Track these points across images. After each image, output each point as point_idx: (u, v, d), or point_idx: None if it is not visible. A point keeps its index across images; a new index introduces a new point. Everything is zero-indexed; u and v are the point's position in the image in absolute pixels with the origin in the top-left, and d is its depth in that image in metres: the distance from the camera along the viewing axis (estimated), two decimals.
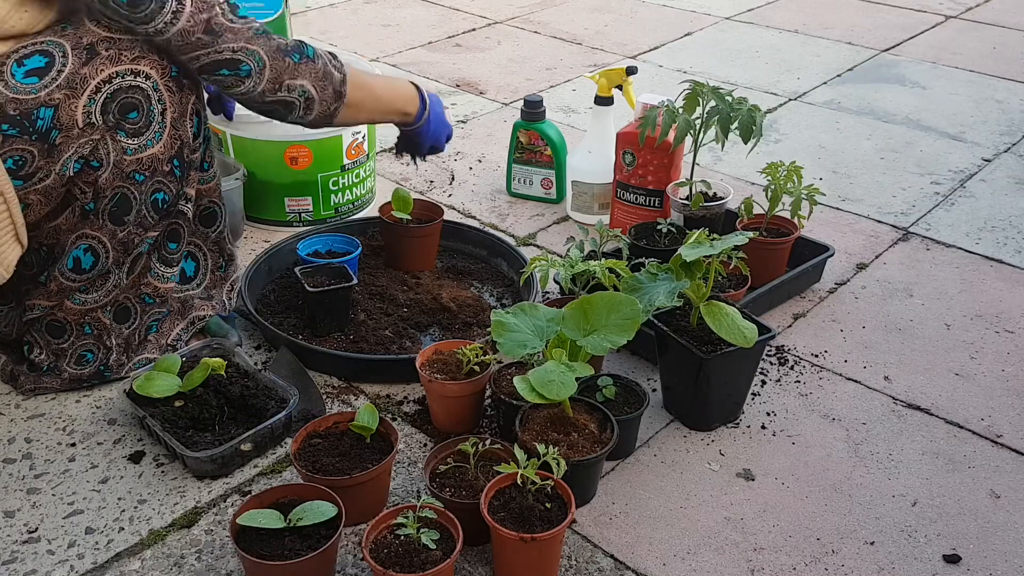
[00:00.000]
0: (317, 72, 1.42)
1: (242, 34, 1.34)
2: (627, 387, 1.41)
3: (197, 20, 1.30)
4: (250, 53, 1.35)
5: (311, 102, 1.42)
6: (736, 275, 1.65)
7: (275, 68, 1.37)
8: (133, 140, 1.34)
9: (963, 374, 1.59)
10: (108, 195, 1.36)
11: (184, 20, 1.30)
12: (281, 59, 1.38)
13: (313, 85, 1.41)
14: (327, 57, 1.45)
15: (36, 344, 1.48)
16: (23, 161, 1.27)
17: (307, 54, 1.41)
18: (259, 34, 1.36)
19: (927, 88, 2.77)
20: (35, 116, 1.26)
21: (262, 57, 1.36)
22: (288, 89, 1.39)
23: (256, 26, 1.37)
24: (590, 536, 1.27)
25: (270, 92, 1.38)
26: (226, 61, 1.34)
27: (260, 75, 1.36)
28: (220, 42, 1.32)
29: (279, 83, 1.38)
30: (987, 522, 1.30)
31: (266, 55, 1.36)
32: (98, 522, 1.27)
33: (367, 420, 1.30)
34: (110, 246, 1.40)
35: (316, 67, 1.42)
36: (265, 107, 1.41)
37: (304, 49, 1.41)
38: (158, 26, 1.29)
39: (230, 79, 1.36)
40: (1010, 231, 2.03)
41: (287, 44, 1.40)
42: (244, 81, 1.36)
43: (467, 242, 1.90)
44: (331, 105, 1.45)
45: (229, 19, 1.34)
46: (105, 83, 1.30)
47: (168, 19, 1.29)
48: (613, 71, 1.94)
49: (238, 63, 1.35)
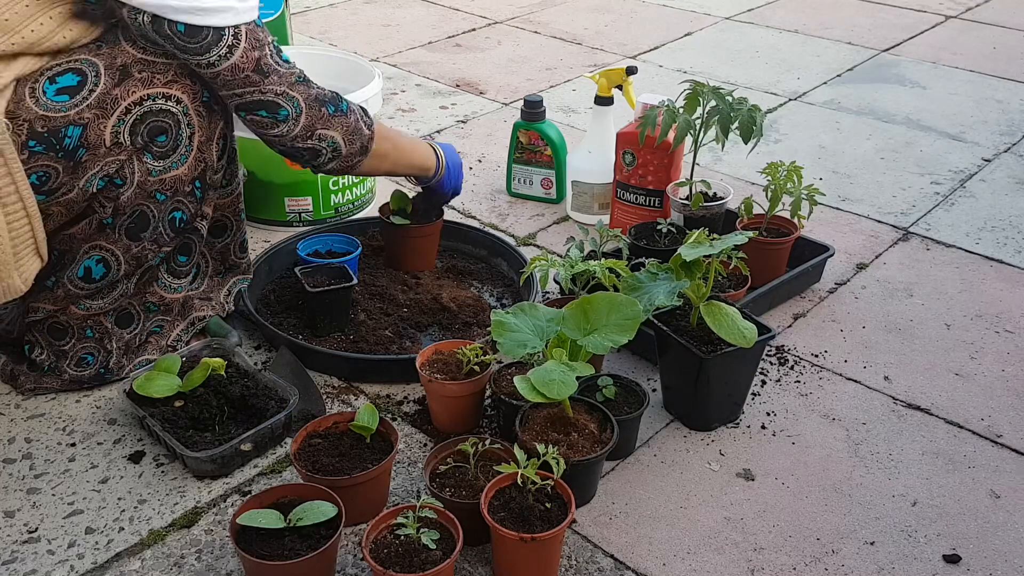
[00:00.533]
0: (349, 126, 1.43)
1: (286, 78, 1.36)
2: (627, 387, 1.41)
3: (250, 57, 1.31)
4: (290, 99, 1.36)
5: (338, 153, 1.44)
6: (736, 275, 1.65)
7: (311, 116, 1.38)
8: (159, 162, 1.35)
9: (963, 374, 1.59)
10: (127, 212, 1.36)
11: (238, 55, 1.30)
12: (318, 109, 1.39)
13: (343, 138, 1.43)
14: (359, 112, 1.47)
15: (37, 344, 1.48)
16: (47, 177, 1.27)
17: (342, 108, 1.43)
18: (300, 81, 1.38)
19: (927, 88, 2.77)
20: (63, 134, 1.26)
21: (300, 104, 1.37)
22: (319, 139, 1.41)
23: (298, 72, 1.38)
24: (590, 536, 1.27)
25: (301, 139, 1.40)
26: (268, 103, 1.35)
27: (296, 121, 1.37)
28: (267, 83, 1.34)
29: (312, 131, 1.39)
30: (987, 522, 1.30)
31: (304, 103, 1.38)
32: (98, 522, 1.27)
33: (367, 420, 1.30)
34: (123, 259, 1.40)
35: (348, 121, 1.43)
36: (293, 151, 1.43)
37: (340, 103, 1.43)
38: (211, 58, 1.29)
39: (267, 120, 1.37)
40: (1010, 231, 2.03)
41: (325, 95, 1.41)
42: (279, 125, 1.37)
43: (467, 242, 1.90)
44: (356, 158, 1.47)
45: (276, 61, 1.35)
46: (136, 105, 1.30)
47: (223, 52, 1.29)
48: (613, 71, 1.94)
49: (278, 106, 1.36)
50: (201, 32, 1.27)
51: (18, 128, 1.24)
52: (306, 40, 3.10)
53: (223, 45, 1.29)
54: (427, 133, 2.46)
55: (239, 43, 1.30)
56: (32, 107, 1.25)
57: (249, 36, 1.31)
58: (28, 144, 1.24)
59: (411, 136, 1.69)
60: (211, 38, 1.28)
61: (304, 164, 1.46)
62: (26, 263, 1.30)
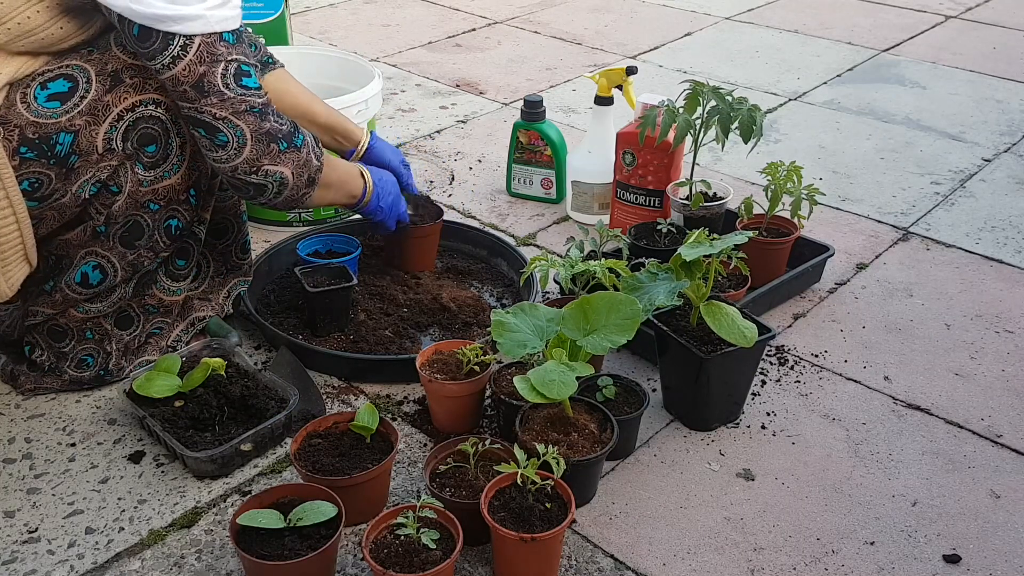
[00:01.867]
0: (299, 161, 1.36)
1: (231, 103, 1.27)
2: (627, 387, 1.41)
3: (192, 71, 1.25)
4: (231, 126, 1.28)
5: (284, 187, 1.36)
6: (736, 275, 1.65)
7: (256, 150, 1.31)
8: (149, 172, 1.33)
9: (963, 374, 1.59)
10: (120, 221, 1.35)
11: (180, 67, 1.25)
12: (266, 144, 1.31)
13: (292, 172, 1.35)
14: (311, 144, 1.39)
15: (37, 346, 1.48)
16: (39, 183, 1.26)
17: (295, 143, 1.35)
18: (253, 111, 1.29)
19: (927, 88, 2.77)
20: (54, 141, 1.25)
21: (245, 135, 1.29)
22: (265, 174, 1.33)
23: (255, 103, 1.30)
24: (590, 536, 1.27)
25: (244, 172, 1.32)
26: (204, 123, 1.28)
27: (238, 151, 1.30)
28: (203, 103, 1.27)
29: (257, 166, 1.32)
30: (987, 522, 1.30)
31: (251, 135, 1.29)
32: (98, 522, 1.27)
33: (367, 420, 1.30)
34: (119, 266, 1.39)
35: (300, 156, 1.36)
36: (236, 182, 1.34)
37: (295, 137, 1.35)
38: (157, 65, 1.25)
39: (205, 141, 1.30)
40: (1010, 231, 2.03)
41: (280, 130, 1.33)
42: (218, 149, 1.30)
43: (467, 242, 1.90)
44: (303, 191, 1.39)
45: (226, 83, 1.27)
46: (128, 111, 1.29)
47: (167, 61, 1.24)
48: (613, 71, 1.94)
49: (216, 130, 1.28)
50: (151, 36, 1.23)
51: (9, 134, 1.23)
52: (306, 40, 3.10)
53: (168, 54, 1.24)
54: (427, 133, 2.46)
55: (185, 54, 1.24)
56: (23, 113, 1.24)
57: (201, 49, 1.25)
58: (19, 150, 1.24)
59: (349, 165, 1.57)
60: (159, 44, 1.23)
61: (248, 199, 1.39)
62: (13, 268, 1.30)
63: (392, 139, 2.42)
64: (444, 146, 2.39)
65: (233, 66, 1.28)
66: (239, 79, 1.28)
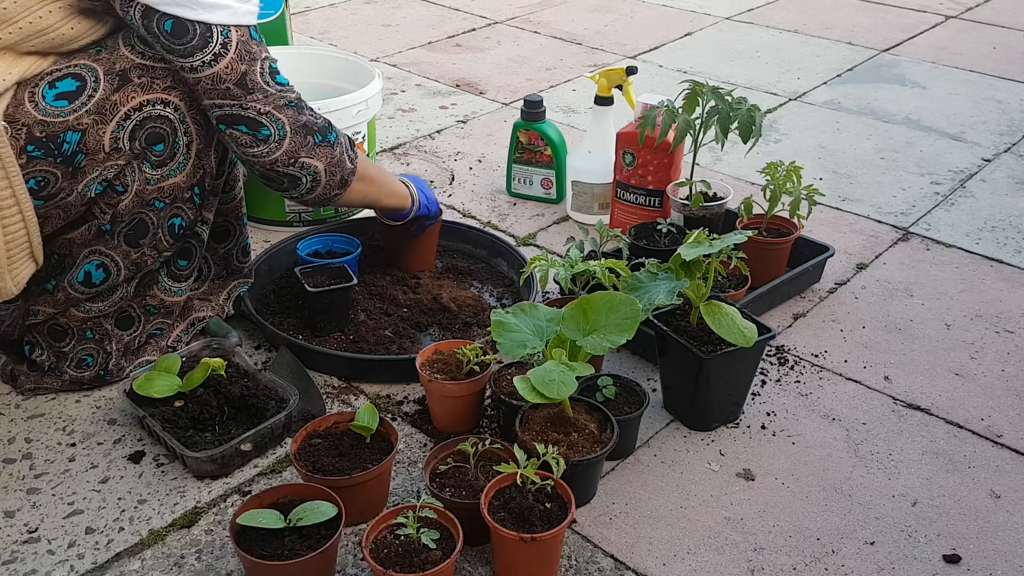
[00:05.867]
0: (333, 158, 1.39)
1: (273, 99, 1.31)
2: (627, 387, 1.41)
3: (235, 69, 1.27)
4: (275, 119, 1.32)
5: (317, 184, 1.39)
6: (736, 275, 1.65)
7: (295, 142, 1.34)
8: (157, 171, 1.34)
9: (963, 374, 1.59)
10: (126, 220, 1.36)
11: (222, 65, 1.27)
12: (303, 136, 1.35)
13: (325, 169, 1.38)
14: (346, 144, 1.43)
15: (37, 345, 1.48)
16: (45, 182, 1.26)
17: (329, 139, 1.38)
18: (291, 105, 1.33)
19: (927, 88, 2.77)
20: (61, 139, 1.25)
21: (286, 128, 1.33)
22: (301, 167, 1.36)
23: (291, 97, 1.34)
24: (590, 536, 1.27)
25: (282, 164, 1.35)
26: (248, 119, 1.31)
27: (278, 144, 1.33)
28: (248, 100, 1.30)
29: (295, 158, 1.35)
30: (987, 522, 1.30)
31: (291, 127, 1.33)
32: (98, 522, 1.27)
33: (367, 420, 1.30)
34: (123, 264, 1.40)
35: (334, 153, 1.39)
36: (271, 174, 1.37)
37: (329, 133, 1.39)
38: (194, 63, 1.26)
39: (246, 137, 1.32)
40: (1010, 231, 2.03)
41: (315, 123, 1.37)
42: (260, 144, 1.33)
43: (467, 242, 1.90)
44: (334, 191, 1.42)
45: (266, 80, 1.31)
46: (135, 111, 1.29)
47: (208, 59, 1.26)
48: (613, 71, 1.94)
49: (259, 125, 1.31)
50: (188, 32, 1.24)
51: (16, 132, 1.23)
52: (306, 40, 3.10)
53: (208, 51, 1.25)
54: (427, 133, 2.46)
55: (227, 52, 1.26)
56: (31, 111, 1.24)
57: (240, 47, 1.27)
58: (26, 149, 1.24)
59: (389, 174, 1.63)
60: (197, 41, 1.24)
61: (281, 191, 1.40)
62: (19, 267, 1.30)
63: (392, 139, 2.42)
64: (444, 146, 2.39)
65: (267, 63, 1.32)
66: (274, 75, 1.33)
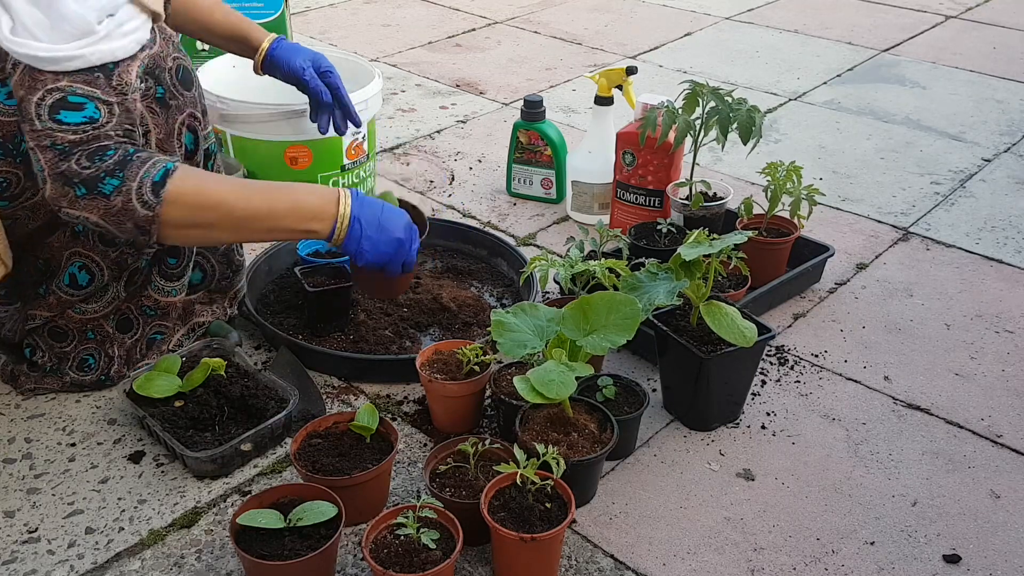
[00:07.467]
0: (111, 208, 1.19)
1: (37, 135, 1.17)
2: (627, 387, 1.41)
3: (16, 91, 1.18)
4: (36, 159, 1.19)
5: (109, 232, 1.23)
6: (736, 275, 1.65)
7: (55, 189, 1.19)
8: None
9: (963, 374, 1.59)
10: None
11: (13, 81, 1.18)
12: (61, 186, 1.18)
13: (103, 219, 1.20)
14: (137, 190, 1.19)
15: (38, 348, 1.47)
16: (7, 183, 1.26)
17: (102, 191, 1.18)
18: (55, 147, 1.17)
19: (927, 88, 2.77)
20: (19, 139, 1.24)
21: (45, 172, 1.19)
22: (66, 215, 1.21)
23: (61, 139, 1.17)
24: (590, 536, 1.27)
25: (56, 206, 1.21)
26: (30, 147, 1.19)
27: (43, 184, 1.20)
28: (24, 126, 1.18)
29: (58, 206, 1.20)
30: (987, 522, 1.30)
31: (49, 173, 1.18)
32: (98, 522, 1.27)
33: (367, 420, 1.30)
34: (104, 265, 1.39)
35: (111, 204, 1.19)
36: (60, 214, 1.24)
37: (101, 185, 1.18)
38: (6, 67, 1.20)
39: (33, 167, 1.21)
40: (1010, 231, 2.03)
41: (80, 174, 1.18)
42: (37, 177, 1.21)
43: (467, 242, 1.90)
44: (139, 237, 1.24)
45: (38, 113, 1.16)
46: None
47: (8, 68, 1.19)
48: (613, 71, 1.94)
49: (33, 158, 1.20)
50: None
51: None
52: (306, 40, 3.10)
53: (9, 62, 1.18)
54: (427, 133, 2.46)
55: (15, 71, 1.18)
56: None
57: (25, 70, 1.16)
58: None
59: (289, 194, 1.30)
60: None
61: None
62: None
63: (392, 139, 2.42)
64: (444, 146, 2.39)
65: (54, 96, 1.16)
66: (56, 111, 1.17)
